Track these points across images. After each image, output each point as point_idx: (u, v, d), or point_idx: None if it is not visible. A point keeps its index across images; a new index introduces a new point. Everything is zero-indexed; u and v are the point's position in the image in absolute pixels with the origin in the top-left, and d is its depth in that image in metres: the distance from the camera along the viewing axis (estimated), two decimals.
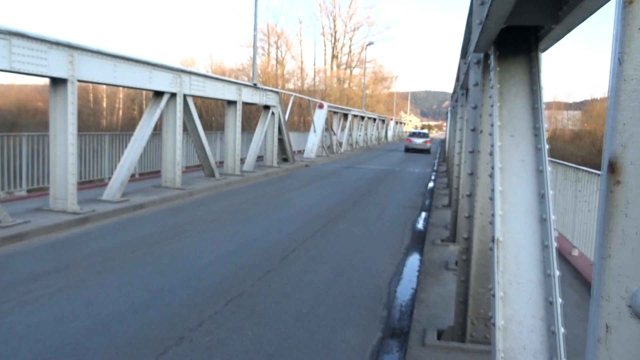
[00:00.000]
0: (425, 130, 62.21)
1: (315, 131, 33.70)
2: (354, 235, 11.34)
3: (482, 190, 4.93)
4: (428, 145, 49.62)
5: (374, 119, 57.75)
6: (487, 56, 4.79)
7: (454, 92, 16.07)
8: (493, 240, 3.69)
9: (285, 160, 27.24)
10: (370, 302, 7.28)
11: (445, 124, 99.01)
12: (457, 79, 12.70)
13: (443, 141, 62.95)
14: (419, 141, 49.72)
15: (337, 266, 8.90)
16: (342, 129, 42.40)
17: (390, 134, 72.92)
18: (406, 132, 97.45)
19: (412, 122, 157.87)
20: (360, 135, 48.96)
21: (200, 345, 5.60)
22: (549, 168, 3.77)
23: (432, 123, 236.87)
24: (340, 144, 40.71)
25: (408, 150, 49.06)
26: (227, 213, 13.20)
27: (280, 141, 26.27)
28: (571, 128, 60.79)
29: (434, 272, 8.42)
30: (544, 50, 4.15)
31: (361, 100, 66.93)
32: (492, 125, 3.96)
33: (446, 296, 7.25)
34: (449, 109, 28.96)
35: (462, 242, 5.56)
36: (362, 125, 50.09)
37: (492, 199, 3.82)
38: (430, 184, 22.04)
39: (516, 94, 3.98)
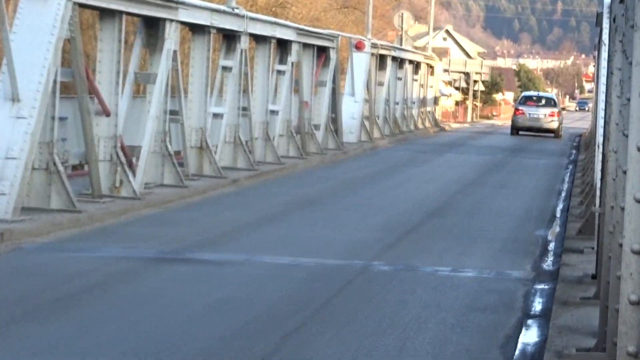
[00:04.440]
0: (552, 95, 36.06)
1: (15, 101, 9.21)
2: None
3: None
4: (555, 121, 27.40)
5: (299, 44, 19.23)
6: None
7: None
8: None
9: None
10: None
11: (592, 80, 43.94)
12: None
13: (584, 142, 25.41)
14: (538, 113, 27.31)
15: None
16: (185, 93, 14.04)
17: (351, 108, 24.94)
18: (439, 101, 39.67)
19: (447, 66, 47.36)
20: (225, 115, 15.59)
21: None
22: None
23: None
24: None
25: (516, 129, 28.31)
26: None
27: None
28: None
29: None
30: None
31: None
32: None
33: None
34: (603, 26, 10.55)
35: None
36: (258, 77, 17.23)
37: None
38: (526, 339, 5.71)
39: None
